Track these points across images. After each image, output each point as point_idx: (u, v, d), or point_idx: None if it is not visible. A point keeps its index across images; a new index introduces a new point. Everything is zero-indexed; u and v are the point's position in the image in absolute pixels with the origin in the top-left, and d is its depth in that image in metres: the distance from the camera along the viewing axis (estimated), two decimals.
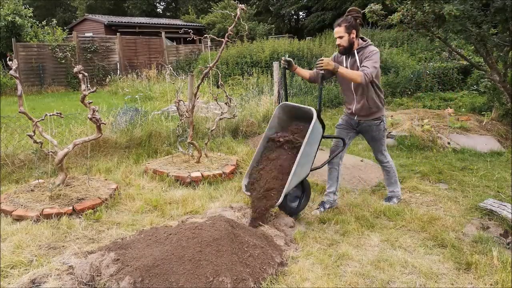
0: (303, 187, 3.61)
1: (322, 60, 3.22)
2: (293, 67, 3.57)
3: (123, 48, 17.15)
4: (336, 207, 3.84)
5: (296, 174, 3.27)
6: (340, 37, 3.42)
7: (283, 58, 3.56)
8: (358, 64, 3.43)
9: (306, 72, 3.74)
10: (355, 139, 6.61)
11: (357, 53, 3.46)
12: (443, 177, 4.70)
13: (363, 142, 6.42)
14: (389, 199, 3.97)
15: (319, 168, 3.66)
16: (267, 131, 3.63)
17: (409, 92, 11.03)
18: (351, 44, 3.43)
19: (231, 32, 4.51)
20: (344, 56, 3.56)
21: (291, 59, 3.53)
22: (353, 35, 3.41)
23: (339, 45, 3.46)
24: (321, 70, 3.26)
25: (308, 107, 3.50)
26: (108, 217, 3.59)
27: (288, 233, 3.26)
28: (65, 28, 19.00)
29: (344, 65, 3.52)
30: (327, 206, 3.79)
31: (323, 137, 3.52)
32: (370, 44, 3.48)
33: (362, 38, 3.53)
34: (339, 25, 3.40)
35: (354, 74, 3.28)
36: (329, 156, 3.77)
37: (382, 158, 3.86)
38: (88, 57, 16.07)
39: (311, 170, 3.53)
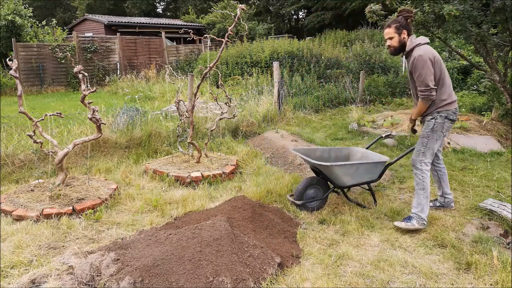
0: (326, 194, 3.84)
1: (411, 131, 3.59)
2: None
3: (123, 48, 17.15)
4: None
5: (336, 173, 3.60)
6: (390, 38, 3.38)
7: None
8: (409, 70, 3.40)
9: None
10: (355, 139, 6.62)
11: (405, 57, 3.45)
12: None
13: (362, 141, 6.42)
14: (407, 219, 3.37)
15: (392, 163, 3.93)
16: None
17: (409, 92, 11.03)
18: (402, 44, 3.37)
19: (231, 32, 4.51)
20: (404, 57, 3.56)
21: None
22: (404, 35, 3.35)
23: (389, 46, 3.43)
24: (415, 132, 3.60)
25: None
26: (108, 217, 3.59)
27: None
28: (65, 28, 19.01)
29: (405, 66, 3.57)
30: (437, 204, 3.83)
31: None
32: (416, 47, 3.31)
33: (412, 39, 3.39)
34: (389, 26, 3.38)
35: (421, 107, 3.35)
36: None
37: (415, 162, 3.41)
38: (88, 57, 16.07)
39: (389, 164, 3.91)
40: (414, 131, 3.72)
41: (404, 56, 3.52)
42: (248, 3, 28.81)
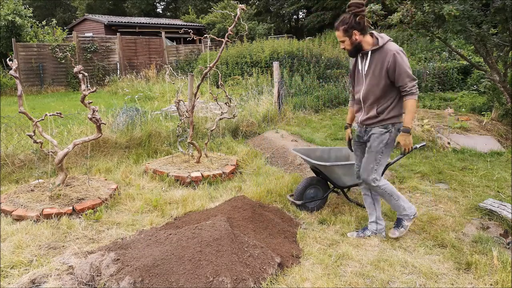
0: (326, 194, 3.83)
1: (404, 148, 2.99)
2: (350, 131, 3.44)
3: (123, 48, 17.15)
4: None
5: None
6: (342, 41, 2.99)
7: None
8: (372, 68, 2.98)
9: (353, 113, 3.38)
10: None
11: (371, 54, 2.97)
12: (443, 177, 4.70)
13: None
14: (397, 223, 3.22)
15: (392, 163, 3.70)
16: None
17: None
18: (356, 45, 2.97)
19: (231, 32, 4.51)
20: (359, 59, 3.11)
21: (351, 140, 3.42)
22: (356, 36, 2.93)
23: (344, 49, 3.06)
24: (410, 150, 3.03)
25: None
26: (108, 217, 3.59)
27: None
28: (65, 28, 19.02)
29: (360, 68, 3.10)
30: (367, 233, 3.26)
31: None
32: (387, 42, 2.94)
33: (374, 34, 3.01)
34: (337, 28, 2.96)
35: (412, 108, 2.90)
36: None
37: (368, 181, 3.09)
38: (88, 57, 16.08)
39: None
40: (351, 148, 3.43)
41: (363, 54, 3.04)
42: (248, 3, 28.81)
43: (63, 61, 15.26)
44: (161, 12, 39.15)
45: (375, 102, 3.02)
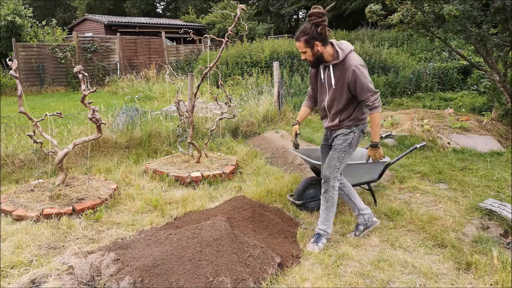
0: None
1: (376, 160, 3.12)
2: (298, 127, 3.37)
3: (123, 48, 17.15)
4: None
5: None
6: (303, 52, 2.93)
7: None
8: (333, 81, 2.98)
9: (305, 112, 3.47)
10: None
11: (333, 67, 2.96)
12: (443, 177, 4.71)
13: (362, 141, 6.42)
14: (317, 238, 3.10)
15: (392, 163, 3.90)
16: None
17: (409, 92, 11.04)
18: (318, 57, 2.92)
19: (231, 32, 4.51)
20: (321, 68, 3.09)
21: (297, 136, 3.37)
22: (318, 47, 2.87)
23: (305, 59, 3.00)
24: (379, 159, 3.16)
25: None
26: (108, 217, 3.59)
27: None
28: (65, 28, 19.02)
29: (322, 77, 3.10)
30: (361, 228, 3.26)
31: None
32: (347, 55, 2.91)
33: (334, 44, 2.96)
34: (298, 39, 2.88)
35: (378, 122, 2.97)
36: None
37: (329, 179, 3.08)
38: (88, 57, 16.08)
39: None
40: (297, 146, 3.33)
41: (325, 66, 3.03)
42: (248, 3, 28.82)
43: (63, 61, 15.26)
44: (161, 12, 39.15)
45: (339, 112, 3.09)
